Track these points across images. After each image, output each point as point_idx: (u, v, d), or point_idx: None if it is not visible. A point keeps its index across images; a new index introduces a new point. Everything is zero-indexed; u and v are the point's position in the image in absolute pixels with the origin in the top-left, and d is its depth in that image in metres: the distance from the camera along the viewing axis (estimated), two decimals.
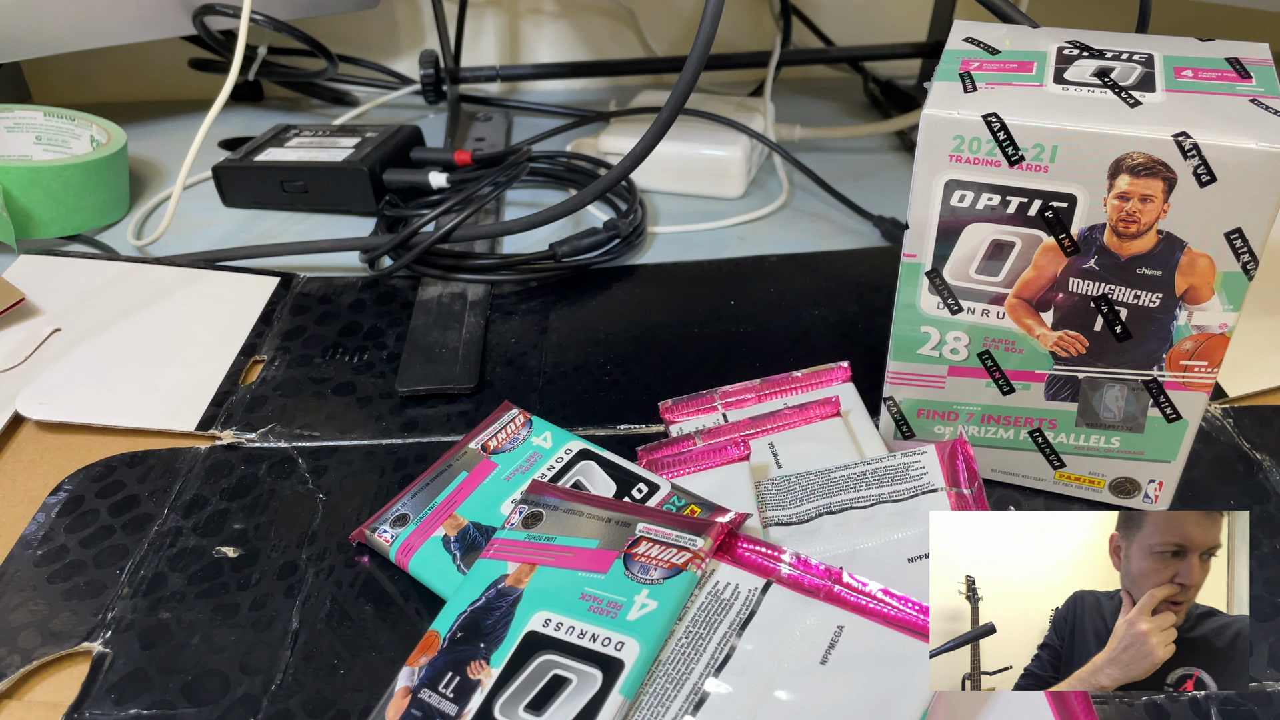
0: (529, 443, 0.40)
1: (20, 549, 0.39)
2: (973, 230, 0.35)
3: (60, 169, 0.60)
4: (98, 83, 0.87)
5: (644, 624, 0.30)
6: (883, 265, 0.58)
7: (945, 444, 0.38)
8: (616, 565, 0.32)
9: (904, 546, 0.35)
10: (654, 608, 0.31)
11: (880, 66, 0.89)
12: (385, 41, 0.87)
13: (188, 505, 0.41)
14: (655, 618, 0.30)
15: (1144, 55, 0.35)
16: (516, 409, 0.42)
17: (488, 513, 0.37)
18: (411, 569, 0.36)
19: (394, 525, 0.38)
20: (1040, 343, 0.36)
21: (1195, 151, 0.31)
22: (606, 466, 0.38)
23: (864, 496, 0.37)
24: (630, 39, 0.88)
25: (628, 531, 0.33)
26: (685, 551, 0.32)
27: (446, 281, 0.56)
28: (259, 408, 0.47)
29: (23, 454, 0.44)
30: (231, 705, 0.33)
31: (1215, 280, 0.33)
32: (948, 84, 0.34)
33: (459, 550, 0.36)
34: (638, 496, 0.37)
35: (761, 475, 0.39)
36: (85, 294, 0.54)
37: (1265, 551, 0.38)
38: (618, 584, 0.31)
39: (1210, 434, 0.44)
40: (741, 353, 0.50)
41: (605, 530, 0.33)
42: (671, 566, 0.32)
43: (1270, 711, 0.32)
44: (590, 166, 0.67)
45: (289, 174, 0.65)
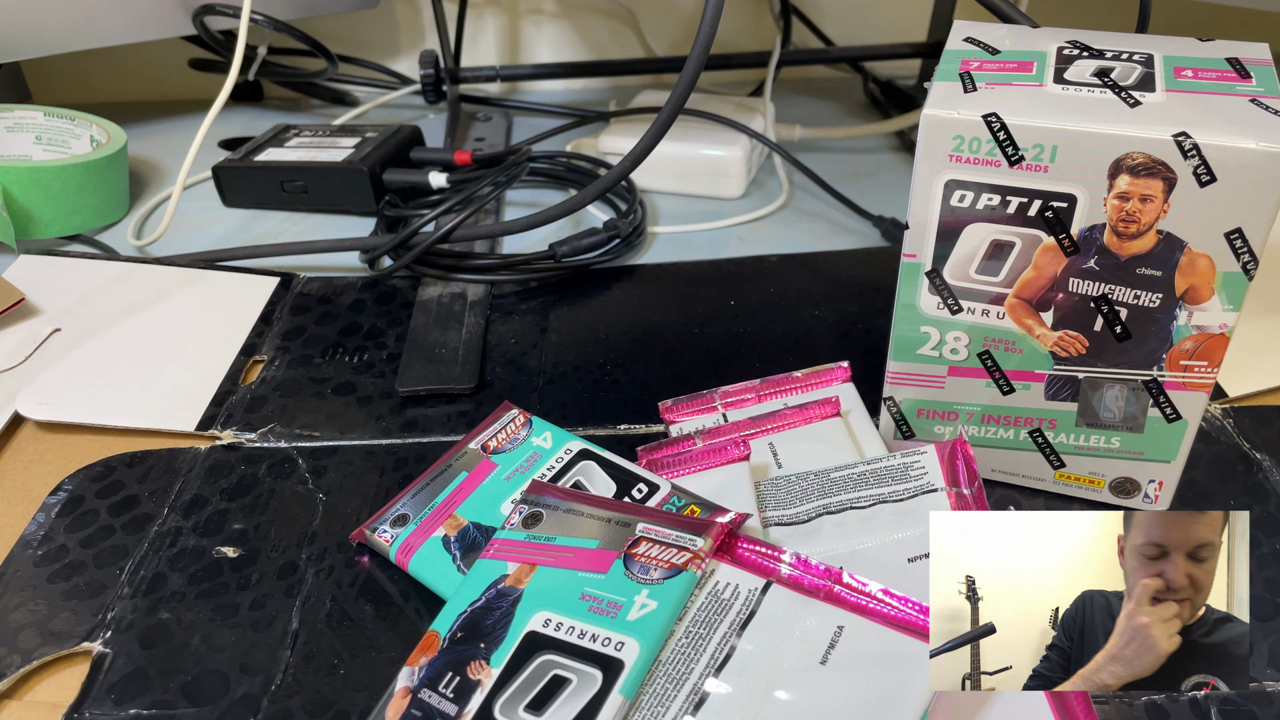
0: (529, 443, 0.40)
1: (20, 549, 0.39)
2: (973, 230, 0.35)
3: (60, 169, 0.60)
4: (98, 83, 0.87)
5: (644, 624, 0.30)
6: (883, 265, 0.58)
7: (945, 444, 0.38)
8: (616, 565, 0.32)
9: (904, 546, 0.35)
10: (654, 608, 0.31)
11: (880, 66, 0.89)
12: (385, 41, 0.87)
13: (188, 505, 0.41)
14: (655, 618, 0.30)
15: (1144, 55, 0.35)
16: (516, 409, 0.42)
17: (488, 513, 0.37)
18: (411, 569, 0.36)
19: (394, 525, 0.38)
20: (1040, 343, 0.36)
21: (1195, 151, 0.31)
22: (606, 466, 0.38)
23: (864, 496, 0.37)
24: (630, 39, 0.88)
25: (628, 531, 0.33)
26: (685, 551, 0.32)
27: (446, 281, 0.56)
28: (259, 408, 0.47)
29: (23, 454, 0.44)
30: (231, 705, 0.33)
31: (1215, 280, 0.33)
32: (948, 84, 0.34)
33: (459, 550, 0.36)
34: (638, 496, 0.37)
35: (761, 475, 0.39)
36: (85, 294, 0.54)
37: (1265, 551, 0.38)
38: (618, 584, 0.31)
39: (1210, 434, 0.44)
40: (741, 353, 0.50)
41: (605, 530, 0.33)
42: (671, 566, 0.32)
43: (1270, 711, 0.32)
44: (590, 166, 0.67)
45: (289, 174, 0.65)
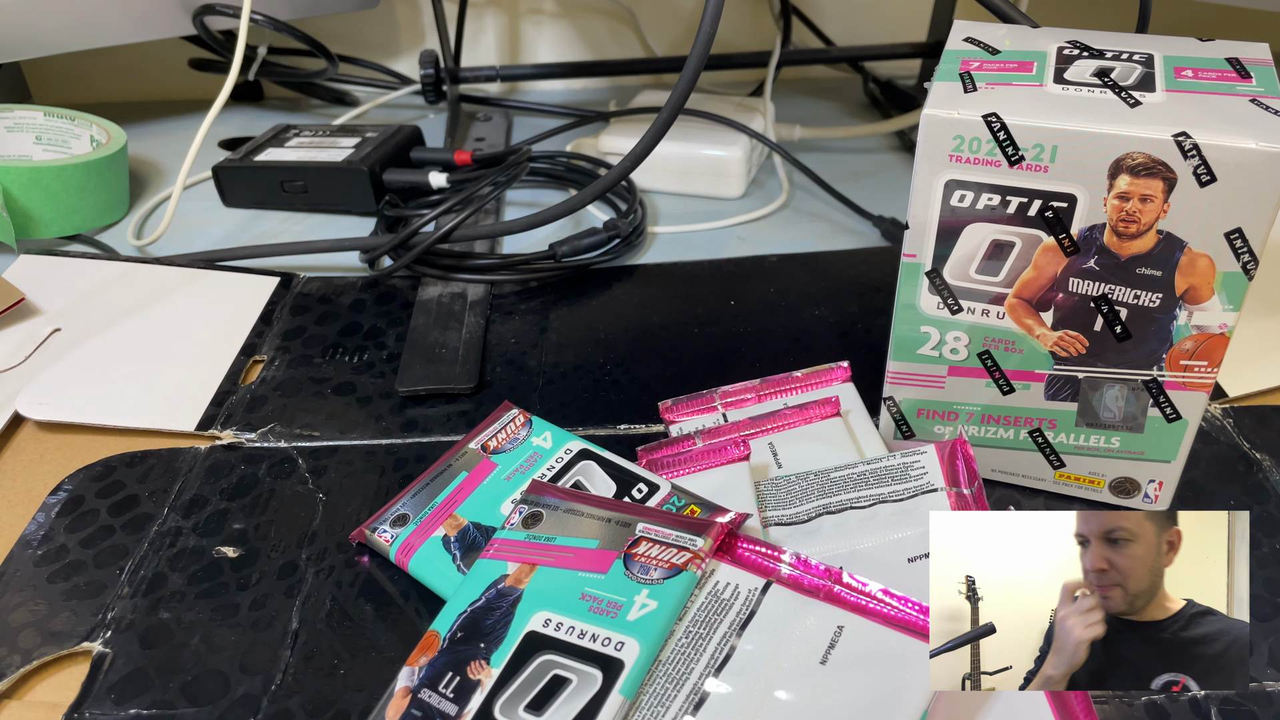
0: (529, 443, 0.40)
1: (20, 549, 0.39)
2: (973, 230, 0.35)
3: (60, 169, 0.60)
4: (98, 83, 0.87)
5: (644, 624, 0.30)
6: (883, 265, 0.58)
7: (945, 444, 0.38)
8: (617, 565, 0.32)
9: (904, 546, 0.35)
10: (654, 608, 0.31)
11: (880, 66, 0.89)
12: (385, 41, 0.87)
13: (188, 505, 0.41)
14: (655, 618, 0.30)
15: (1144, 55, 0.35)
16: (516, 409, 0.42)
17: (488, 512, 0.37)
18: (411, 569, 0.36)
19: (394, 525, 0.38)
20: (1040, 343, 0.36)
21: (1195, 151, 0.31)
22: (606, 466, 0.38)
23: (864, 496, 0.37)
24: (630, 39, 0.88)
25: (628, 531, 0.33)
26: (685, 551, 0.32)
27: (446, 281, 0.56)
28: (259, 408, 0.47)
29: (23, 454, 0.44)
30: (231, 705, 0.33)
31: (1215, 280, 0.33)
32: (948, 84, 0.34)
33: (459, 550, 0.36)
34: (638, 496, 0.37)
35: (761, 475, 0.39)
36: (85, 294, 0.54)
37: (1265, 551, 0.38)
38: (618, 584, 0.31)
39: (1210, 434, 0.44)
40: (741, 353, 0.50)
41: (605, 530, 0.33)
42: (671, 566, 0.32)
43: (1270, 711, 0.32)
44: (590, 166, 0.67)
45: (289, 174, 0.65)
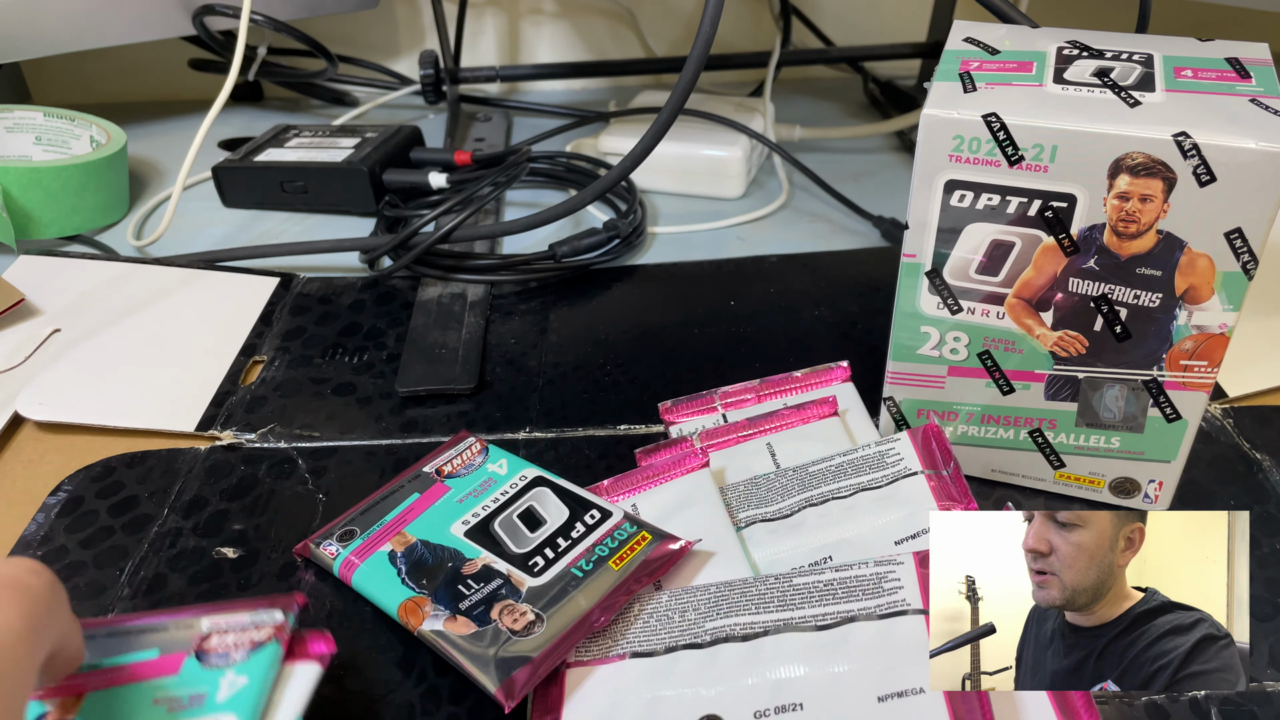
0: (484, 469, 0.40)
1: (20, 549, 0.39)
2: (973, 230, 0.35)
3: (60, 169, 0.60)
4: (98, 83, 0.87)
5: (239, 699, 0.28)
6: (883, 265, 0.58)
7: (918, 430, 0.39)
8: (189, 663, 0.29)
9: (889, 530, 0.36)
10: (245, 682, 0.28)
11: (880, 66, 0.89)
12: (385, 41, 0.87)
13: (187, 506, 0.41)
14: (249, 691, 0.28)
15: (1144, 55, 0.35)
16: (473, 437, 0.42)
17: (438, 532, 0.37)
18: (355, 583, 0.36)
19: (340, 540, 0.37)
20: (1040, 343, 0.36)
21: (1195, 151, 0.31)
22: (560, 493, 0.38)
23: (844, 486, 0.37)
24: (630, 39, 0.88)
25: (192, 632, 0.30)
26: (265, 628, 0.30)
27: (446, 282, 0.56)
28: (259, 408, 0.47)
29: (23, 454, 0.44)
30: None
31: (1215, 280, 0.33)
32: (948, 84, 0.34)
33: (404, 565, 0.36)
34: (590, 523, 0.36)
35: (738, 477, 0.39)
36: (85, 294, 0.54)
37: (1265, 551, 0.38)
38: (196, 677, 0.29)
39: (1210, 434, 0.44)
40: (741, 353, 0.50)
41: (163, 639, 0.30)
42: (254, 644, 0.30)
43: (1270, 711, 0.32)
44: (590, 166, 0.67)
45: (289, 174, 0.65)
